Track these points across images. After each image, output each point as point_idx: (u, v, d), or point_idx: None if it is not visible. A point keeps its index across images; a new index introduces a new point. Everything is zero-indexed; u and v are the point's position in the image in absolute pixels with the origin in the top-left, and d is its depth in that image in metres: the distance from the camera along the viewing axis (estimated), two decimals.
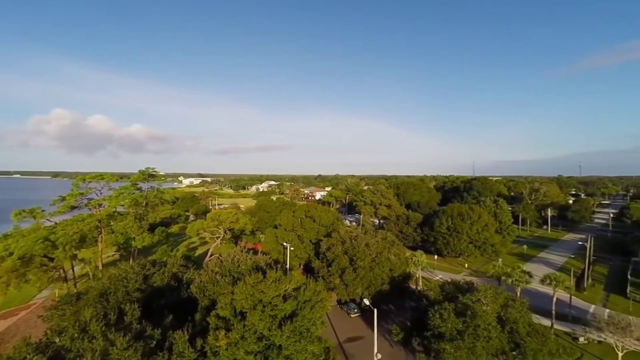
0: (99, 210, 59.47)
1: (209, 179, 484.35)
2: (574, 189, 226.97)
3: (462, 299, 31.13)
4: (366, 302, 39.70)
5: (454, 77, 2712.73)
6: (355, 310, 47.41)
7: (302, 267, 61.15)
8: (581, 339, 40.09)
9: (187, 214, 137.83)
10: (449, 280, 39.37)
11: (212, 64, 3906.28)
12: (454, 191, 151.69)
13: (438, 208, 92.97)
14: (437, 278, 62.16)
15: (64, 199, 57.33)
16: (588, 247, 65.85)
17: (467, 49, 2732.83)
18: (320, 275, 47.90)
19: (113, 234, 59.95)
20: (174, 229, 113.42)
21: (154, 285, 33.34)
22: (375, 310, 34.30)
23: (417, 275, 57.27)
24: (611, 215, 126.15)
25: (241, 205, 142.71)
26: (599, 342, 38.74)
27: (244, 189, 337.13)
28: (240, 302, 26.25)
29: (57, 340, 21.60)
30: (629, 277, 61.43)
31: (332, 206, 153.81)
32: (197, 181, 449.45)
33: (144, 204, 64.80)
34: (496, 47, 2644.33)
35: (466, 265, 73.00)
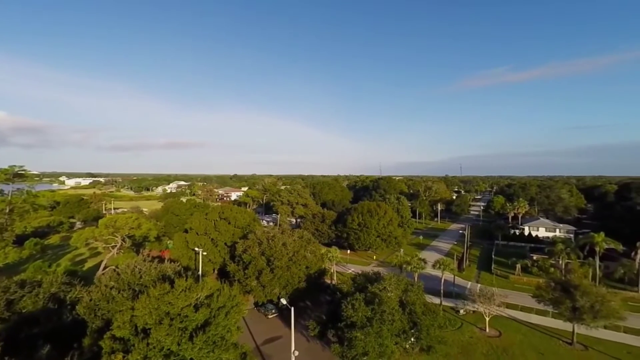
0: None
1: (102, 179, 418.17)
2: (456, 187, 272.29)
3: (370, 288, 34.13)
4: (283, 301, 39.99)
5: (364, 84, 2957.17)
6: (273, 311, 47.29)
7: (216, 272, 57.97)
8: (461, 311, 48.50)
9: (71, 221, 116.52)
10: (360, 272, 42.74)
11: (108, 49, 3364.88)
12: (364, 190, 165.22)
13: (350, 206, 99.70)
14: (350, 271, 66.71)
15: None
16: (466, 234, 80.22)
17: (376, 57, 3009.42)
18: (236, 278, 46.23)
19: None
20: (54, 239, 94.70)
21: (23, 311, 27.35)
22: (293, 309, 34.81)
23: (332, 270, 60.46)
24: (481, 207, 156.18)
25: (144, 209, 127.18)
26: (474, 311, 47.42)
27: (148, 190, 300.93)
28: (142, 317, 23.44)
29: None
30: (493, 256, 77.02)
31: (249, 207, 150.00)
32: (86, 181, 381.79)
33: (7, 210, 52.07)
34: (400, 59, 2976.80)
35: (374, 257, 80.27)
